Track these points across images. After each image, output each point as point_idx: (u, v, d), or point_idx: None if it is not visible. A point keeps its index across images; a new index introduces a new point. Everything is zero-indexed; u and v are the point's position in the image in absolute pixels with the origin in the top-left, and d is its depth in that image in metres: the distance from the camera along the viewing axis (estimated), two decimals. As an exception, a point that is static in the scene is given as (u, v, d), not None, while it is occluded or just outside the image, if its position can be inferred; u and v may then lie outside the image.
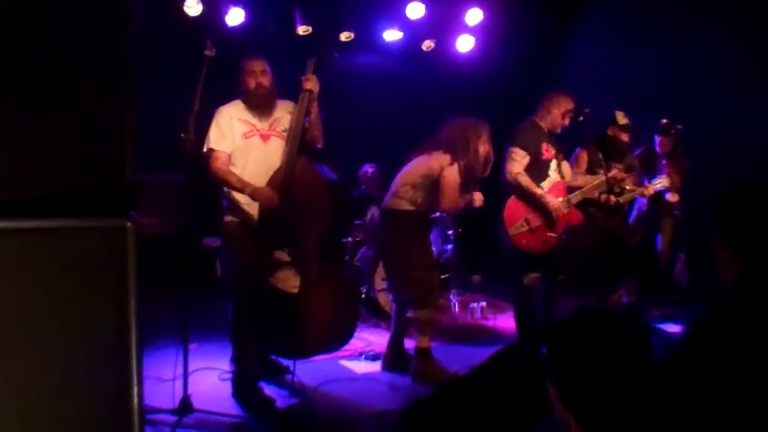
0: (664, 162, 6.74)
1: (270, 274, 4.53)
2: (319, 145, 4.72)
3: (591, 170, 6.05)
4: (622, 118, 6.17)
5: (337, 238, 6.84)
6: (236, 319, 4.52)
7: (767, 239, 2.14)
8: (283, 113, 4.66)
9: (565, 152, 5.86)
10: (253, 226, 4.48)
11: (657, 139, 6.81)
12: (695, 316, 2.10)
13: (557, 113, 5.54)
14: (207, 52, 4.25)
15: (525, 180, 5.41)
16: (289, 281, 4.55)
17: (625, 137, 6.17)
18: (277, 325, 4.55)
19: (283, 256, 4.54)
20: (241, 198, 4.47)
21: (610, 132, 6.20)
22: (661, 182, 6.27)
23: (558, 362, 1.83)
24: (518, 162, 5.44)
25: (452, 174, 4.99)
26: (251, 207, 4.47)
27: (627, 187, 5.99)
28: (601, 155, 6.01)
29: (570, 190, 5.68)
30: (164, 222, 6.90)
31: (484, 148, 5.07)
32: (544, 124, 5.60)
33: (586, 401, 1.76)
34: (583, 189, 5.67)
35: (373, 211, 7.12)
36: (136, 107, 1.78)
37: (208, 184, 4.54)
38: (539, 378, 2.76)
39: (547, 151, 5.55)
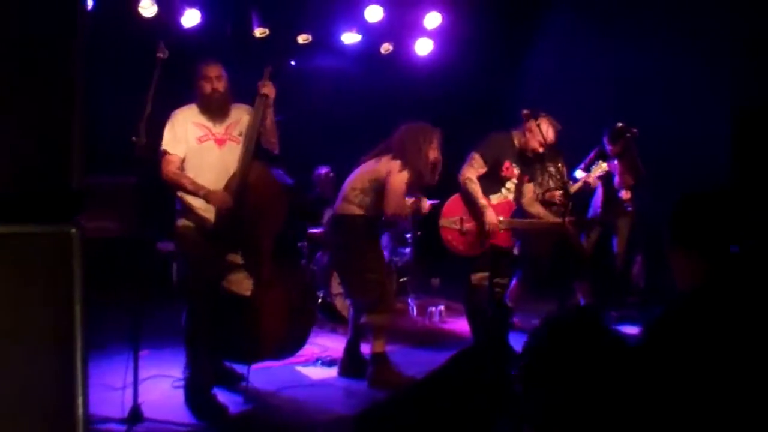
0: (615, 162, 6.81)
1: (224, 277, 4.54)
2: (275, 151, 4.73)
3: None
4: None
5: (291, 241, 6.86)
6: (190, 324, 4.47)
7: (720, 242, 2.18)
8: (239, 117, 4.65)
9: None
10: (207, 229, 4.47)
11: (605, 141, 6.87)
12: (650, 319, 2.13)
13: (533, 140, 5.52)
14: (160, 54, 4.23)
15: (472, 187, 5.44)
16: (243, 284, 4.56)
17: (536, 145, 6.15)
18: (230, 329, 4.54)
19: (236, 258, 4.57)
20: (195, 201, 4.45)
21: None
22: (599, 168, 6.39)
23: (542, 376, 1.83)
24: (473, 168, 5.49)
25: (398, 179, 4.98)
26: (205, 210, 4.47)
27: (557, 194, 6.00)
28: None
29: (522, 214, 5.73)
30: (121, 226, 6.84)
31: (433, 154, 5.08)
32: (518, 142, 5.60)
33: (573, 411, 1.77)
34: (529, 222, 5.70)
35: (329, 214, 7.10)
36: (83, 113, 1.76)
37: (162, 187, 4.50)
38: (495, 382, 2.78)
39: (508, 169, 5.57)
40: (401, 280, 7.32)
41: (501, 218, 5.53)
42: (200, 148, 4.51)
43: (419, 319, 7.16)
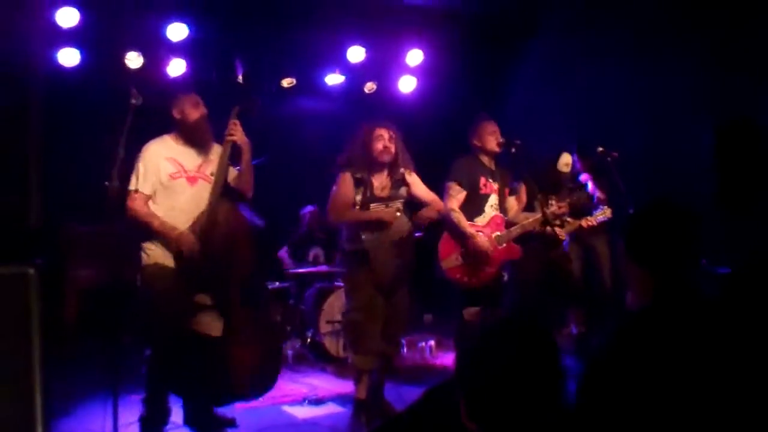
0: (588, 181, 6.85)
1: (192, 318, 4.46)
2: (248, 194, 4.77)
3: (529, 203, 6.14)
4: (564, 166, 6.29)
5: (260, 282, 6.89)
6: (153, 364, 4.44)
7: (671, 256, 2.19)
8: (214, 157, 4.68)
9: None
10: (174, 269, 4.45)
11: (576, 160, 6.97)
12: (603, 338, 2.15)
13: (487, 137, 5.55)
14: (133, 100, 4.32)
15: (455, 216, 5.38)
16: (212, 325, 4.49)
17: (565, 175, 6.30)
18: (199, 370, 4.46)
19: (205, 299, 4.51)
20: (163, 242, 4.44)
21: (553, 170, 6.33)
22: (603, 213, 6.39)
23: (467, 374, 1.86)
24: (453, 197, 5.44)
25: (337, 185, 5.01)
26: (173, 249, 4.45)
27: (568, 220, 6.08)
28: (538, 189, 6.10)
29: (512, 225, 5.71)
30: (114, 273, 6.88)
31: (379, 144, 5.02)
32: (484, 156, 5.60)
33: (492, 412, 1.80)
34: (523, 224, 5.65)
35: (316, 252, 7.18)
36: (39, 155, 1.86)
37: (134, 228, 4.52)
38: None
39: (486, 185, 5.54)
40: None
41: (497, 233, 5.46)
42: (172, 185, 4.49)
43: (409, 355, 7.14)
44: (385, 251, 4.94)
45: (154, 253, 4.48)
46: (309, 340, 6.82)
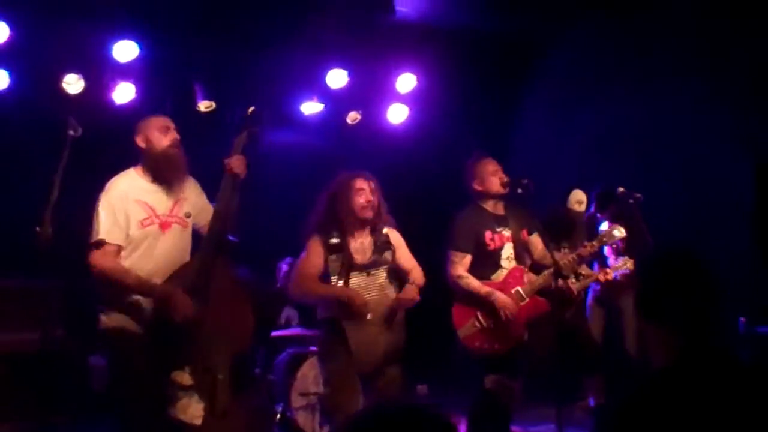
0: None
1: (167, 398, 4.27)
2: (234, 238, 4.63)
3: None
4: (576, 204, 6.28)
5: (251, 357, 6.82)
6: None
7: (691, 312, 2.21)
8: (188, 195, 4.57)
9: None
10: (143, 336, 4.29)
11: (592, 207, 7.00)
12: (612, 402, 2.16)
13: (490, 178, 5.57)
14: (71, 132, 4.22)
15: (466, 282, 5.43)
16: (191, 410, 4.27)
17: (579, 214, 6.34)
18: None
19: (184, 378, 4.28)
20: (130, 298, 4.29)
21: (563, 209, 6.35)
22: (624, 264, 6.39)
23: None
24: (457, 264, 5.48)
25: (302, 258, 4.99)
26: (144, 309, 4.29)
27: (582, 272, 6.08)
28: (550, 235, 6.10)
29: (540, 268, 5.68)
30: (45, 337, 6.83)
31: (360, 198, 4.96)
32: (488, 201, 5.63)
33: None
34: (533, 283, 5.63)
35: (288, 313, 7.13)
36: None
37: (85, 289, 4.45)
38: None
39: (494, 239, 5.55)
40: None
41: (518, 289, 5.48)
42: (143, 234, 4.34)
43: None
44: (367, 335, 4.83)
45: (116, 316, 4.32)
46: (279, 416, 6.75)
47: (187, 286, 4.24)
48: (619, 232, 5.77)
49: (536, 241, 5.75)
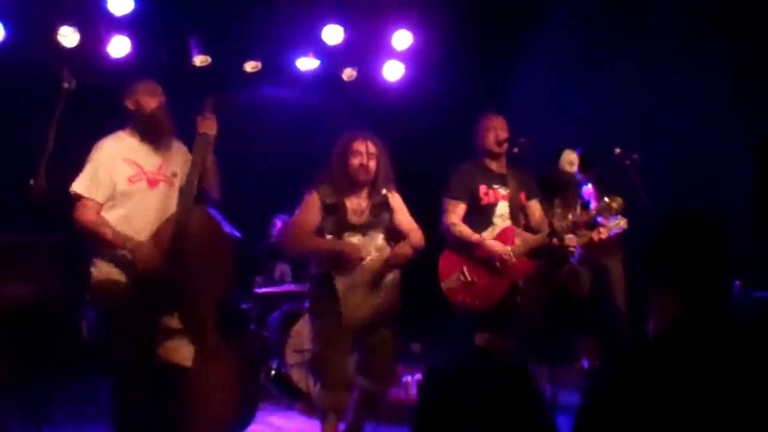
0: (589, 187, 6.82)
1: (158, 343, 4.43)
2: (215, 196, 4.77)
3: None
4: (567, 164, 6.28)
5: (236, 302, 6.89)
6: (115, 402, 4.43)
7: (699, 277, 2.18)
8: (175, 156, 4.68)
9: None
10: (131, 286, 4.42)
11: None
12: (607, 367, 2.16)
13: (485, 133, 5.59)
14: (65, 84, 4.29)
15: (458, 229, 5.45)
16: (181, 352, 4.46)
17: (571, 175, 6.33)
18: (166, 405, 4.46)
19: (173, 322, 4.47)
20: (117, 251, 4.41)
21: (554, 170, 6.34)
22: (617, 224, 6.36)
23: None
24: (450, 212, 5.50)
25: (299, 211, 5.03)
26: (131, 261, 4.40)
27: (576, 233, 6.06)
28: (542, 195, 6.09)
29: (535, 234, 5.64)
30: (39, 291, 6.84)
31: (356, 160, 4.96)
32: (487, 157, 5.64)
33: None
34: (527, 240, 5.63)
35: (282, 268, 7.14)
36: None
37: (79, 242, 4.52)
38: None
39: (488, 193, 5.57)
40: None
41: (507, 248, 5.47)
42: (130, 190, 4.47)
43: (393, 391, 7.04)
44: (358, 295, 4.87)
45: (106, 267, 4.45)
46: (273, 372, 6.78)
47: (167, 237, 4.38)
48: (617, 204, 5.70)
49: (534, 208, 5.76)
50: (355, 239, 4.92)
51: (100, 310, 4.54)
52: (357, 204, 5.00)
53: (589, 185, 6.81)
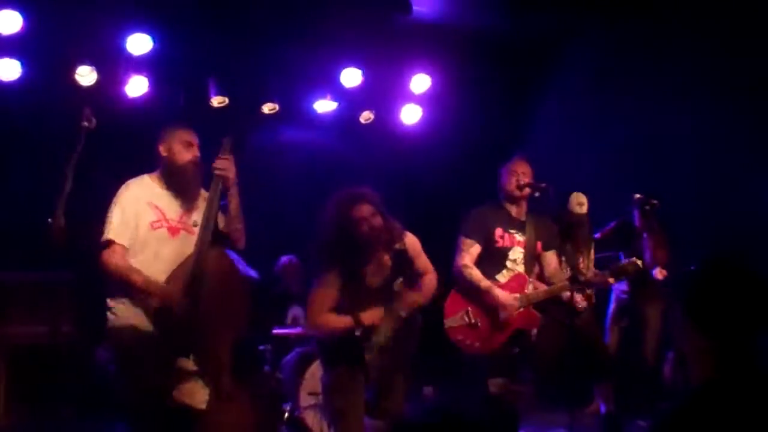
0: (645, 237, 6.83)
1: (173, 386, 4.38)
2: (241, 244, 4.69)
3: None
4: (577, 206, 6.29)
5: (253, 344, 6.84)
6: None
7: (743, 324, 2.17)
8: (200, 205, 4.61)
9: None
10: (149, 330, 4.40)
11: (635, 213, 6.95)
12: (656, 415, 2.14)
13: (508, 177, 5.59)
14: (85, 123, 4.26)
15: (469, 272, 5.43)
16: (197, 395, 4.41)
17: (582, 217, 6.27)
18: None
19: (188, 364, 4.42)
20: (137, 295, 4.39)
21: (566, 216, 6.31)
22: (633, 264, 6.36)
23: None
24: (465, 252, 5.50)
25: (316, 290, 4.82)
26: (149, 306, 4.39)
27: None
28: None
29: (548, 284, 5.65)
30: (53, 331, 6.84)
31: (363, 228, 4.68)
32: (508, 202, 5.65)
33: None
34: (549, 290, 5.60)
35: (295, 312, 7.10)
36: None
37: (96, 281, 4.51)
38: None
39: (504, 237, 5.56)
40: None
41: (516, 295, 5.45)
42: (152, 236, 4.46)
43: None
44: (383, 352, 4.73)
45: (124, 312, 4.42)
46: (287, 415, 6.73)
47: (185, 279, 4.35)
48: (633, 267, 5.65)
49: (550, 258, 5.76)
50: (375, 311, 4.71)
51: (117, 352, 4.53)
52: (377, 263, 4.83)
53: (645, 236, 6.80)
